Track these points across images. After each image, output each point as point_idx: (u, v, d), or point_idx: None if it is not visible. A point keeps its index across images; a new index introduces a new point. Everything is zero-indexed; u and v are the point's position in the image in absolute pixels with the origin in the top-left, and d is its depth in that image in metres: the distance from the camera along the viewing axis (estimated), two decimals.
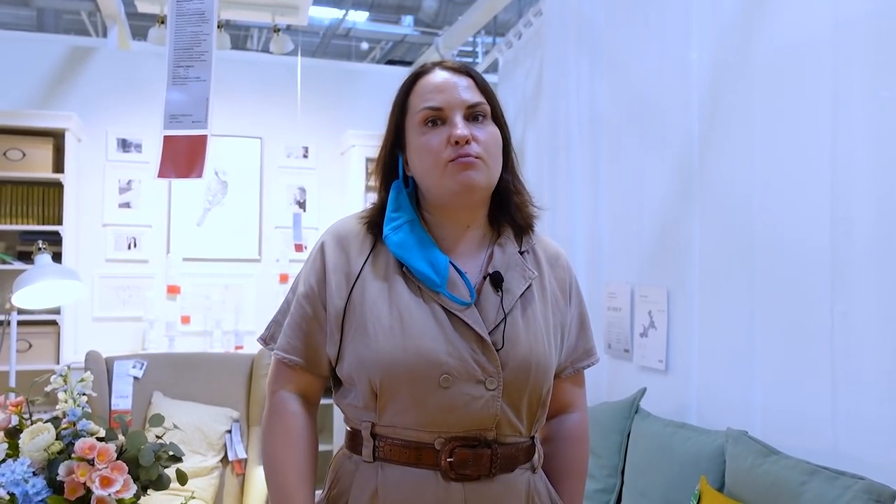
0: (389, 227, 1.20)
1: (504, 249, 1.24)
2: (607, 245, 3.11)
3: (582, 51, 3.28)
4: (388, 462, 1.16)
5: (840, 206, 1.98)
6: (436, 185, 1.19)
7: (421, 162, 1.20)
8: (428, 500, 1.13)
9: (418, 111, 1.20)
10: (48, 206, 3.90)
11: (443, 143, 1.17)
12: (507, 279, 1.20)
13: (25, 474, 1.32)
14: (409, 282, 1.18)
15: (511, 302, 1.19)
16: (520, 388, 1.15)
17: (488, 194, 1.23)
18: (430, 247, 1.20)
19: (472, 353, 1.13)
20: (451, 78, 1.21)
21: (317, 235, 4.48)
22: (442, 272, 1.17)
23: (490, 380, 1.13)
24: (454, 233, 1.24)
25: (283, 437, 1.25)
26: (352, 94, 4.71)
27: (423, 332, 1.13)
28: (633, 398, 2.65)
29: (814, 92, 2.08)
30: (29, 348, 3.75)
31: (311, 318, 1.22)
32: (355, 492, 1.18)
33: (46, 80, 4.21)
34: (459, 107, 1.18)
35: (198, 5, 1.89)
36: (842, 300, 1.97)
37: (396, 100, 1.26)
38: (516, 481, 1.18)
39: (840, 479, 1.79)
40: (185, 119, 1.86)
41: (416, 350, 1.12)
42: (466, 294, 1.17)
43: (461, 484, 1.13)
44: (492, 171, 1.19)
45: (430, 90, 1.20)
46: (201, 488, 3.00)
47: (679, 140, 2.64)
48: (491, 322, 1.16)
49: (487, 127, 1.20)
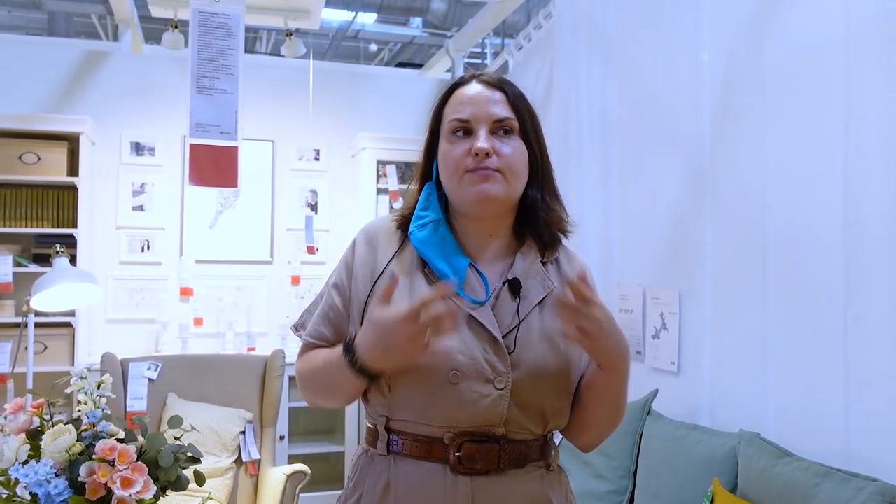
0: (416, 225, 1.26)
1: (526, 258, 1.26)
2: (619, 247, 3.11)
3: (593, 53, 3.29)
4: (400, 455, 1.20)
5: (853, 207, 1.98)
6: (455, 194, 1.24)
7: (444, 169, 1.25)
8: (436, 492, 1.17)
9: (449, 121, 1.25)
10: (63, 208, 3.93)
11: (465, 153, 1.21)
12: (526, 287, 1.23)
13: (48, 475, 1.34)
14: (430, 280, 1.22)
15: (528, 308, 1.21)
16: (529, 390, 1.17)
17: (508, 207, 1.26)
18: (452, 247, 1.24)
19: (484, 353, 1.17)
20: (483, 91, 1.25)
21: (328, 238, 4.55)
22: (459, 272, 1.20)
23: (499, 379, 1.16)
24: (477, 240, 1.27)
25: (310, 356, 1.29)
26: (363, 96, 4.73)
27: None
28: (645, 400, 2.65)
29: (826, 93, 2.08)
30: (44, 350, 3.78)
31: (339, 308, 1.28)
32: (369, 484, 1.23)
33: (61, 84, 4.25)
34: (486, 120, 1.22)
35: (223, 20, 1.92)
36: (855, 302, 1.97)
37: (434, 108, 1.31)
38: (527, 477, 1.20)
39: (853, 480, 1.80)
40: (212, 129, 1.89)
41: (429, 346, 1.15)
42: (482, 295, 1.20)
43: (469, 478, 1.16)
44: (511, 186, 1.22)
45: (462, 102, 1.25)
46: (216, 489, 3.02)
47: (690, 142, 2.64)
48: (506, 326, 1.19)
49: (513, 142, 1.23)
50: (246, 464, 3.17)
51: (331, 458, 4.32)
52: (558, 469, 1.29)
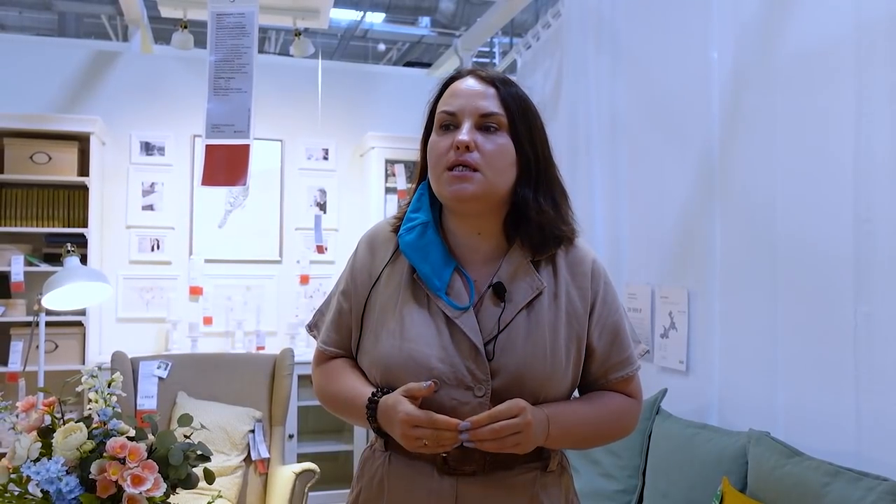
0: (405, 228, 1.26)
1: (513, 260, 1.24)
2: (627, 246, 3.10)
3: (601, 51, 3.28)
4: (395, 452, 1.23)
5: (863, 205, 1.97)
6: (436, 190, 1.24)
7: (429, 163, 1.25)
8: (423, 490, 1.20)
9: (438, 114, 1.25)
10: (73, 208, 3.96)
11: (448, 147, 1.20)
12: (513, 290, 1.21)
13: (59, 472, 1.35)
14: (418, 288, 1.23)
15: (513, 312, 1.20)
16: (511, 396, 1.15)
17: (489, 205, 1.23)
18: (438, 251, 1.23)
19: (464, 361, 1.17)
20: (475, 86, 1.24)
21: (337, 237, 4.56)
22: (443, 276, 1.21)
23: (479, 387, 1.17)
24: (467, 240, 1.27)
25: (329, 370, 1.32)
26: (371, 96, 4.73)
27: (418, 337, 1.19)
28: (654, 399, 2.65)
29: (836, 91, 2.07)
30: (55, 349, 3.81)
31: (346, 314, 1.31)
32: (367, 477, 1.28)
33: (71, 85, 4.27)
34: (472, 114, 1.21)
35: (238, 19, 1.93)
36: (865, 301, 1.96)
37: (430, 102, 1.30)
38: (517, 479, 1.21)
39: (863, 480, 1.79)
40: (226, 129, 1.90)
41: (409, 354, 1.18)
42: (466, 300, 1.20)
43: (455, 478, 1.18)
44: (491, 182, 1.19)
45: (452, 95, 1.25)
46: (225, 487, 3.03)
47: (700, 140, 2.63)
48: (489, 331, 1.19)
49: (497, 139, 1.21)
50: (255, 462, 3.17)
51: (340, 456, 4.33)
52: (559, 470, 1.27)
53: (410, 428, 1.11)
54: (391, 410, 1.14)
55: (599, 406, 1.27)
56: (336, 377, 1.29)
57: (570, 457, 1.35)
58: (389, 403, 1.15)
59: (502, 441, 1.11)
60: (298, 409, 4.00)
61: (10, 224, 3.85)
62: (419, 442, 1.11)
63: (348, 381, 1.27)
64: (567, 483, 1.30)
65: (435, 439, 1.11)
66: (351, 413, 1.27)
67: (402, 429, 1.12)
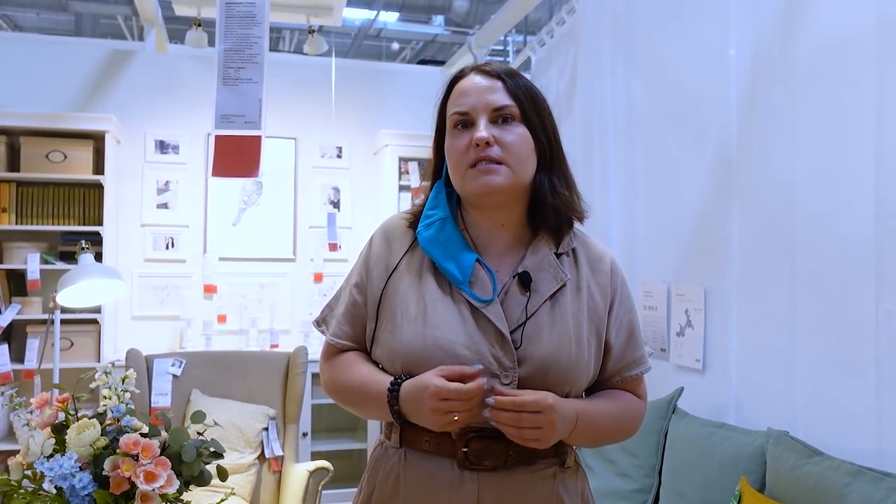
0: (423, 224, 1.26)
1: (538, 251, 1.25)
2: (643, 243, 3.08)
3: (617, 48, 3.26)
4: (411, 448, 1.21)
5: (885, 202, 1.94)
6: (460, 188, 1.25)
7: (449, 164, 1.26)
8: (443, 486, 1.17)
9: (450, 115, 1.26)
10: (88, 206, 3.98)
11: (467, 146, 1.21)
12: (537, 280, 1.22)
13: (73, 469, 1.35)
14: (440, 277, 1.23)
15: (538, 302, 1.21)
16: (536, 386, 1.16)
17: (514, 195, 1.24)
18: (458, 244, 1.24)
19: (491, 348, 1.17)
20: (481, 82, 1.24)
21: (350, 235, 4.55)
22: (465, 269, 1.21)
23: (505, 374, 1.16)
24: (489, 232, 1.27)
25: (341, 362, 1.31)
26: (385, 94, 4.73)
27: (443, 325, 1.18)
28: (671, 398, 2.62)
29: (857, 87, 2.04)
30: (70, 346, 3.83)
31: (360, 306, 1.29)
32: (381, 475, 1.25)
33: (86, 84, 4.30)
34: (485, 110, 1.22)
35: (248, 8, 1.92)
36: (886, 298, 1.93)
37: (438, 104, 1.31)
38: (538, 475, 1.20)
39: (885, 480, 1.76)
40: (237, 119, 1.88)
41: (435, 341, 1.17)
42: (490, 291, 1.20)
43: (476, 474, 1.16)
44: (516, 173, 1.21)
45: (460, 94, 1.25)
46: (239, 485, 3.03)
47: (717, 137, 2.60)
48: (515, 320, 1.19)
49: (515, 129, 1.22)
50: (269, 460, 3.18)
51: (353, 454, 4.33)
52: (575, 466, 1.27)
53: (440, 401, 1.09)
54: (419, 387, 1.13)
55: (619, 404, 1.28)
56: (348, 368, 1.28)
57: (586, 455, 1.34)
58: (417, 382, 1.14)
59: (521, 431, 1.11)
60: (312, 406, 4.00)
61: (26, 222, 3.88)
62: (448, 416, 1.10)
63: (362, 370, 1.26)
64: (583, 480, 1.29)
65: (466, 409, 1.10)
66: (366, 402, 1.25)
67: (431, 402, 1.10)
